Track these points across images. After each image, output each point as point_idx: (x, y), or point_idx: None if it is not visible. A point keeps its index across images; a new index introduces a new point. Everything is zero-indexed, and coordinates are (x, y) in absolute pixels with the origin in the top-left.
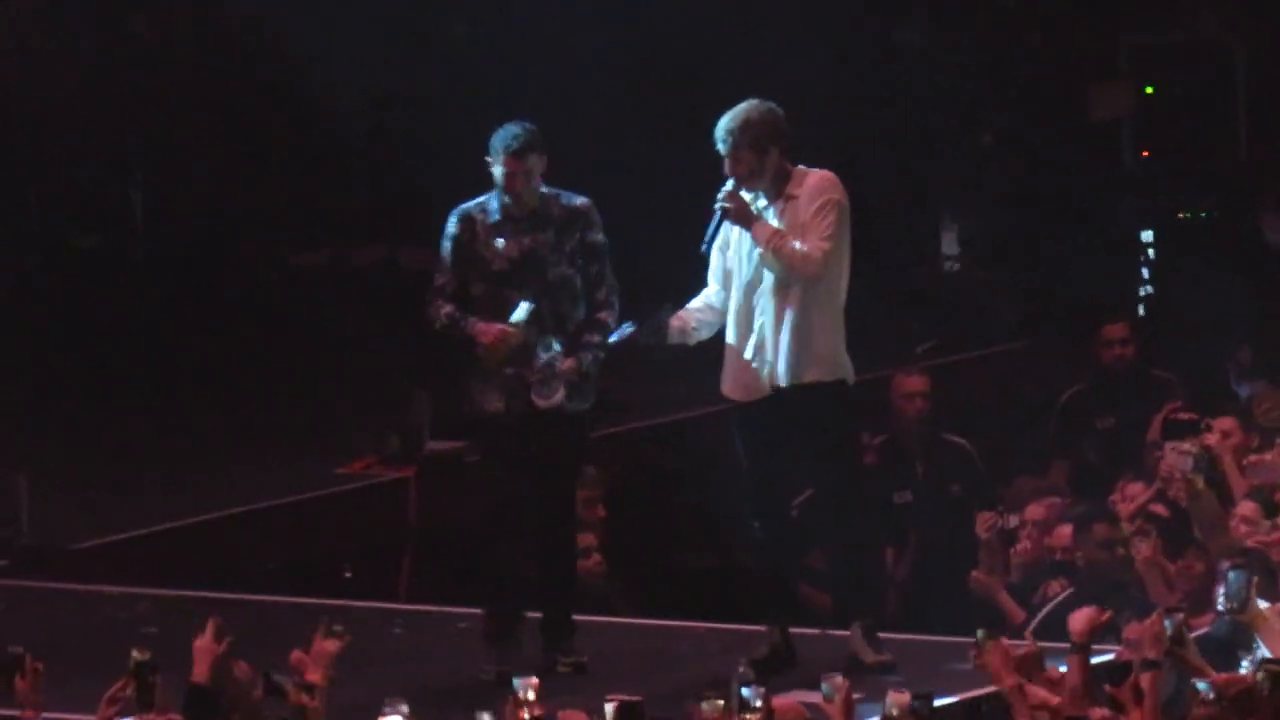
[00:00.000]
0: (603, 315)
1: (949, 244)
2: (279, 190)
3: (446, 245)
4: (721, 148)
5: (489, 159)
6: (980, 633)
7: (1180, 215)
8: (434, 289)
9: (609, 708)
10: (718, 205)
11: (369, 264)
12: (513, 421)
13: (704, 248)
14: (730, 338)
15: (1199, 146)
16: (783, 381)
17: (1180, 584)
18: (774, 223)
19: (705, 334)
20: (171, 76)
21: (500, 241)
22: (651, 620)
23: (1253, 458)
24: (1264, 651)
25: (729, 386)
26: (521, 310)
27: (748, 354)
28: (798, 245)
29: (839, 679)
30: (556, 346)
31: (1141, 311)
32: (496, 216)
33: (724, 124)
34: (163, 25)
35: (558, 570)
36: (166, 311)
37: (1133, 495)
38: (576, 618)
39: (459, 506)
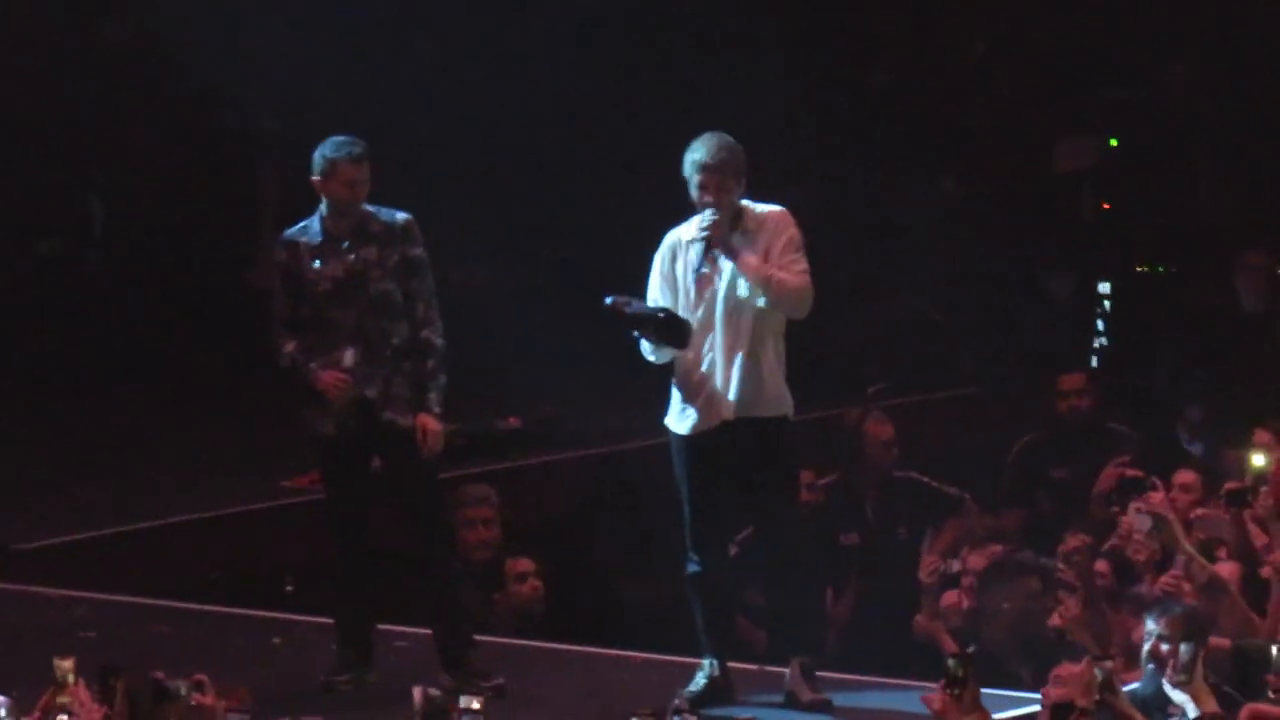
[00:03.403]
0: (426, 334)
1: (905, 286)
2: (241, 202)
3: (275, 273)
4: (702, 176)
5: (315, 175)
6: (952, 662)
7: (1139, 269)
8: (276, 321)
9: None
10: (702, 233)
11: None
12: (346, 441)
13: (693, 276)
14: (678, 370)
15: (1161, 201)
16: (731, 415)
17: (1116, 637)
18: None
19: (667, 358)
20: (134, 83)
21: (319, 263)
22: (588, 648)
23: (1199, 511)
24: (1192, 711)
25: (676, 418)
26: (348, 356)
27: (696, 387)
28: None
29: None
30: None
31: (1095, 363)
32: (319, 238)
33: (708, 153)
34: (129, 32)
35: (431, 589)
36: (120, 318)
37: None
38: (512, 642)
39: None
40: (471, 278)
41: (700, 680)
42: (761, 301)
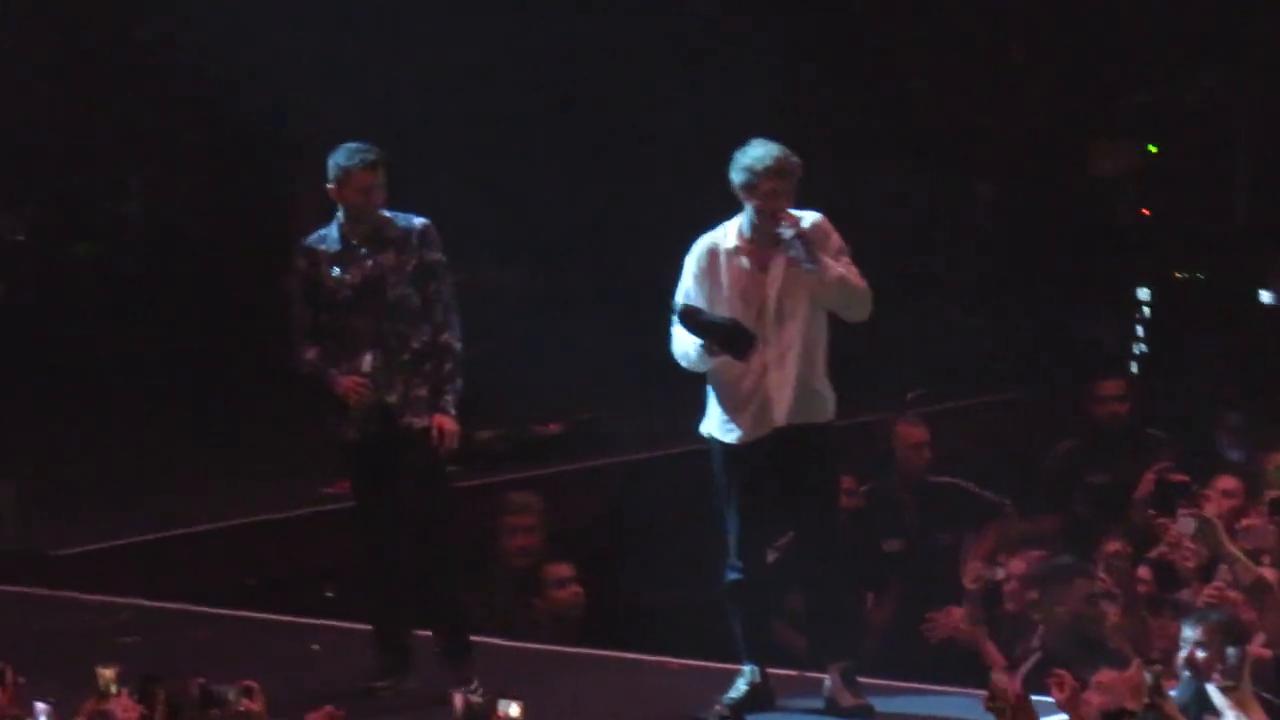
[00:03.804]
0: (445, 337)
1: (944, 292)
2: (273, 207)
3: (295, 281)
4: (776, 183)
5: (330, 183)
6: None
7: (1176, 275)
8: (294, 328)
9: None
10: (790, 233)
11: None
12: (370, 447)
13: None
14: (724, 377)
15: (1199, 207)
16: (781, 421)
17: (1157, 643)
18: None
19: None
20: (170, 89)
21: (338, 270)
22: (627, 654)
23: (1245, 521)
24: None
25: (719, 427)
26: (367, 361)
27: (746, 396)
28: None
29: None
30: None
31: (1135, 369)
32: (338, 245)
33: (777, 160)
34: (162, 37)
35: (428, 591)
36: (158, 323)
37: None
38: (551, 648)
39: None
40: (503, 283)
41: (741, 686)
42: (828, 305)
